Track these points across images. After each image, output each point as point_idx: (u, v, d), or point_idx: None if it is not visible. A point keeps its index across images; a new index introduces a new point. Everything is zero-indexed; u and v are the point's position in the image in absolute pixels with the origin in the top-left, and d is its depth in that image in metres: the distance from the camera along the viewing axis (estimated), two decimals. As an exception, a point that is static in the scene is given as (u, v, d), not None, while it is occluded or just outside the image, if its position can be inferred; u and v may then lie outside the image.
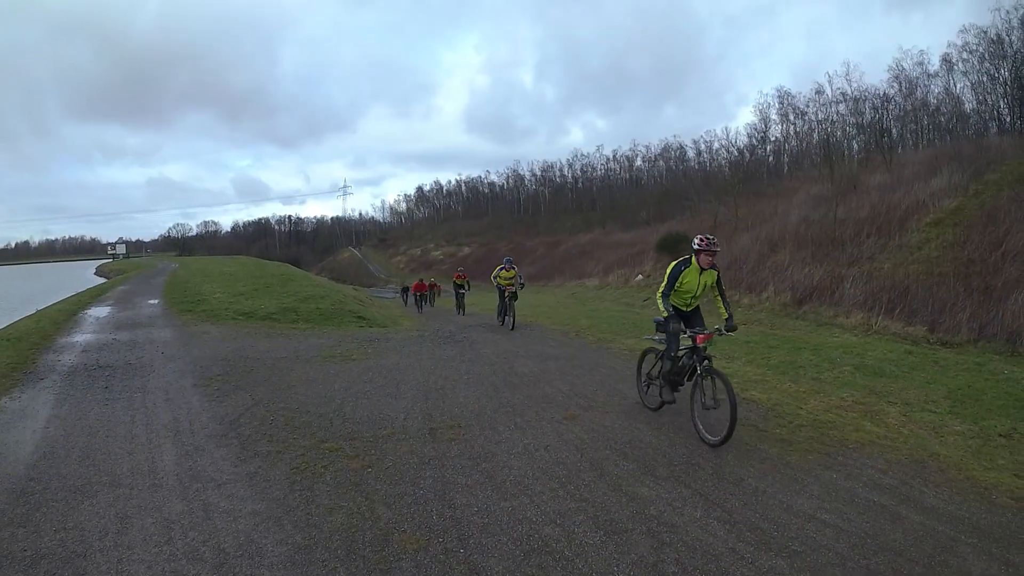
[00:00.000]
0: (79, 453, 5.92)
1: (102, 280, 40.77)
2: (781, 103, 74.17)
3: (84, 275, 67.97)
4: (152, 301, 19.41)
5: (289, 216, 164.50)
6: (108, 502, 4.80)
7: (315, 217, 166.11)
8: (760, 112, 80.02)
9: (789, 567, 4.03)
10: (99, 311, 17.19)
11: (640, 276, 30.47)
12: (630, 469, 5.64)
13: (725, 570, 3.96)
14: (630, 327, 15.86)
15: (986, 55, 51.05)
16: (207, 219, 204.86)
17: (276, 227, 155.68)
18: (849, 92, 63.44)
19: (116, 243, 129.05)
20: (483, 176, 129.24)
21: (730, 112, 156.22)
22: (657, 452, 6.13)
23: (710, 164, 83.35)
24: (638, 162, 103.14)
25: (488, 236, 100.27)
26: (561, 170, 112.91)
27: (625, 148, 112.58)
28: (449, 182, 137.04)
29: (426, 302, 31.21)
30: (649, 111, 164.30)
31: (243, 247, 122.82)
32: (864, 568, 4.06)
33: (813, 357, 11.08)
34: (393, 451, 5.95)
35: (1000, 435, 7.07)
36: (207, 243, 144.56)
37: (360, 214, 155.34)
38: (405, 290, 33.21)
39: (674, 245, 30.31)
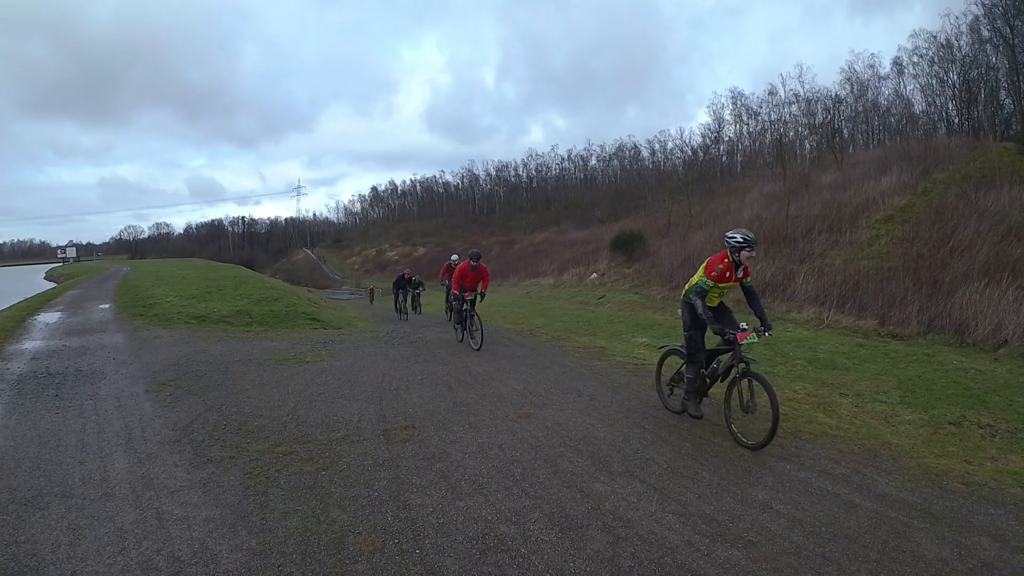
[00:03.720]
0: (29, 464, 5.75)
1: (52, 285, 39.77)
2: (735, 103, 75.53)
3: (33, 280, 66.34)
4: (103, 306, 18.96)
5: (243, 217, 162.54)
6: (60, 513, 4.67)
7: (269, 218, 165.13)
8: (714, 112, 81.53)
9: (745, 557, 4.09)
10: (49, 317, 16.74)
11: (594, 275, 30.57)
12: (584, 465, 5.65)
13: (681, 563, 4.00)
14: (584, 325, 16.00)
15: (935, 59, 52.93)
16: (160, 221, 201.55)
17: (229, 228, 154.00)
18: (802, 93, 64.88)
19: (66, 246, 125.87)
20: (438, 176, 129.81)
21: (690, 113, 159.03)
22: (612, 448, 6.16)
23: (664, 163, 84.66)
24: (592, 161, 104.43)
25: (443, 236, 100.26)
26: (516, 169, 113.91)
27: (580, 148, 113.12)
28: (404, 182, 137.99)
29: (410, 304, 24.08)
30: (611, 111, 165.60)
31: (196, 249, 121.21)
32: (819, 556, 4.14)
33: (766, 352, 11.22)
34: (347, 453, 5.89)
35: (950, 423, 7.30)
36: (159, 245, 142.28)
37: (314, 215, 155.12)
38: (400, 285, 24.54)
39: (628, 244, 30.48)
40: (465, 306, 12.83)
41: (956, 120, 51.75)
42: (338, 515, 4.58)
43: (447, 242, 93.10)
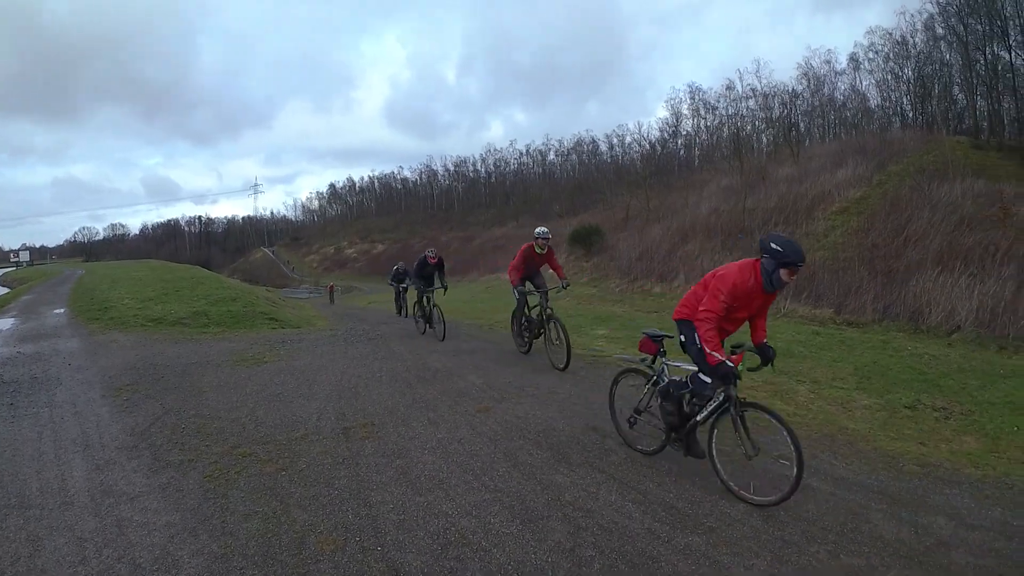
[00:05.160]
0: (-15, 476, 5.60)
1: (5, 290, 38.84)
2: (692, 98, 76.18)
3: (-15, 285, 64.63)
4: (58, 310, 18.54)
5: (199, 216, 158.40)
6: (18, 525, 4.58)
7: (226, 217, 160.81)
8: (672, 107, 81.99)
9: (705, 543, 4.15)
10: (1, 323, 16.33)
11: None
12: (544, 458, 5.68)
13: (642, 550, 4.05)
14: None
15: (891, 55, 53.87)
16: (115, 222, 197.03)
17: (186, 228, 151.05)
18: (759, 88, 65.65)
19: (19, 250, 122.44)
20: (396, 172, 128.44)
21: (650, 108, 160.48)
22: (571, 440, 6.19)
23: (622, 158, 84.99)
24: (551, 156, 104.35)
25: (401, 232, 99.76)
26: (474, 165, 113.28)
27: (539, 143, 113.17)
28: (362, 179, 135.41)
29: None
30: (572, 106, 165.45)
31: (152, 250, 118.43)
32: (779, 539, 4.22)
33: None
34: (307, 453, 5.85)
35: (905, 407, 7.50)
36: (115, 247, 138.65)
37: (272, 213, 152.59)
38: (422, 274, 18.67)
39: (586, 237, 30.75)
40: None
41: (910, 115, 52.67)
42: (299, 515, 4.55)
43: (406, 238, 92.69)
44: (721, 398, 5.05)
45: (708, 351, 4.83)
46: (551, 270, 10.86)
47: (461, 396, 7.96)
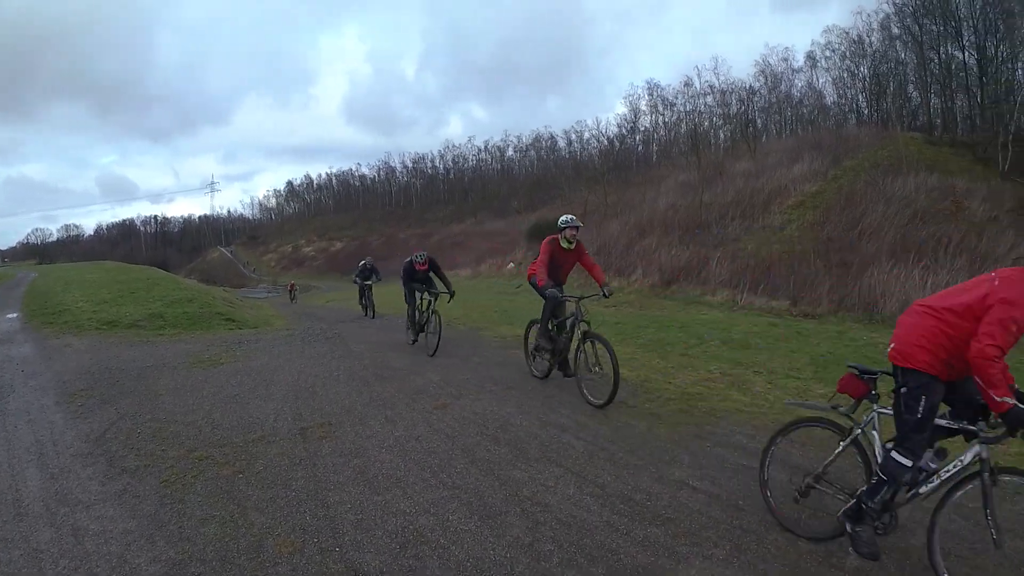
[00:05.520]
0: (-64, 491, 5.43)
1: (-45, 297, 37.77)
2: (651, 95, 76.87)
3: (-66, 291, 62.54)
4: (10, 315, 18.06)
5: (155, 216, 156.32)
6: (-29, 539, 4.44)
7: (183, 216, 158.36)
8: (631, 103, 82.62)
9: (664, 534, 4.17)
10: (-50, 330, 15.89)
11: (512, 264, 30.81)
12: (502, 453, 5.68)
13: (600, 543, 4.05)
14: (502, 315, 16.22)
15: (847, 54, 55.22)
16: (69, 222, 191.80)
17: (142, 228, 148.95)
18: (717, 85, 66.46)
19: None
20: (354, 169, 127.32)
21: (609, 104, 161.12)
22: (528, 435, 6.21)
23: (581, 153, 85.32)
24: (510, 152, 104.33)
25: (359, 230, 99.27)
26: (433, 161, 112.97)
27: (497, 139, 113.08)
28: (320, 176, 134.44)
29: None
30: (531, 103, 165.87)
31: (107, 251, 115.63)
32: (738, 528, 4.26)
33: (681, 334, 11.51)
34: (264, 454, 5.77)
35: None
36: (69, 249, 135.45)
37: (229, 212, 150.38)
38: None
39: (544, 232, 30.90)
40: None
41: (866, 111, 53.96)
42: (256, 518, 4.48)
43: (364, 236, 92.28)
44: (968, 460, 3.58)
45: (997, 399, 3.30)
46: (583, 270, 8.53)
47: (419, 393, 7.95)
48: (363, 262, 20.39)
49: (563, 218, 8.12)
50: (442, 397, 7.74)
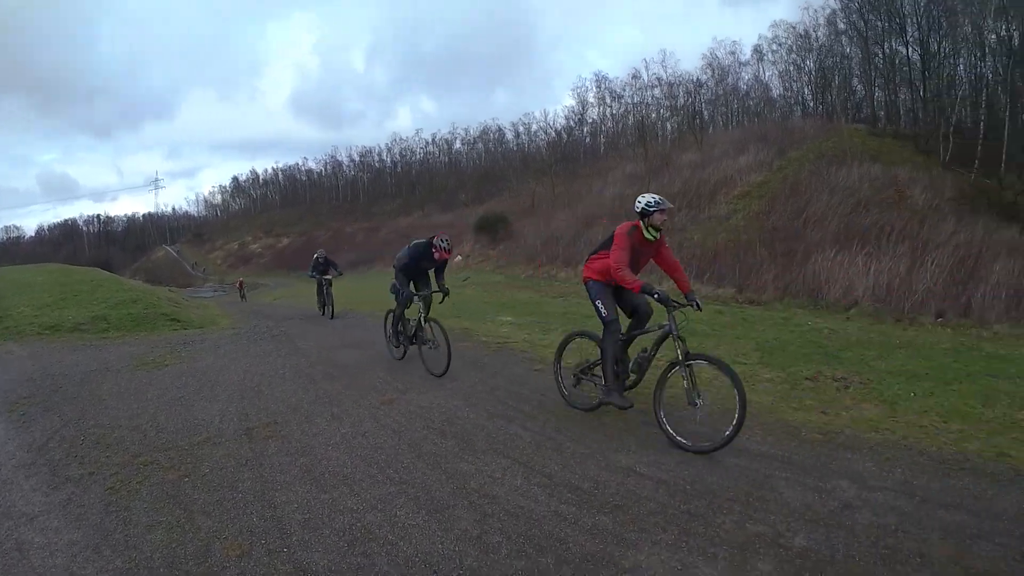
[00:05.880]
0: None
1: None
2: (599, 87, 77.42)
3: None
4: (-55, 325, 17.50)
5: (99, 215, 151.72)
6: (-90, 562, 4.28)
7: (126, 215, 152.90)
8: (578, 96, 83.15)
9: (612, 521, 4.21)
10: None
11: (459, 257, 30.84)
12: (449, 446, 5.69)
13: (549, 533, 4.07)
14: (449, 307, 15.69)
15: (794, 47, 56.41)
16: (9, 224, 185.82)
17: (85, 228, 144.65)
18: (664, 77, 67.26)
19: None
20: (301, 163, 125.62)
21: (558, 96, 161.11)
22: (475, 427, 6.24)
23: (528, 146, 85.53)
24: (457, 145, 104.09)
25: (306, 225, 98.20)
26: (380, 155, 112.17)
27: (445, 131, 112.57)
28: (266, 171, 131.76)
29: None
30: (480, 95, 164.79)
31: (49, 253, 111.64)
32: (685, 512, 4.32)
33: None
34: (209, 457, 5.68)
35: (807, 379, 7.84)
36: (9, 251, 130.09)
37: (174, 209, 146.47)
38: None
39: (492, 225, 31.14)
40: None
41: (811, 104, 55.20)
42: (203, 522, 4.41)
43: (311, 231, 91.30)
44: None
45: None
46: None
47: (366, 389, 7.93)
48: (317, 255, 18.39)
49: (647, 199, 6.10)
50: (388, 392, 7.72)
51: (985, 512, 4.40)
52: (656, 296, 5.67)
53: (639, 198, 6.20)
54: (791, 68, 57.77)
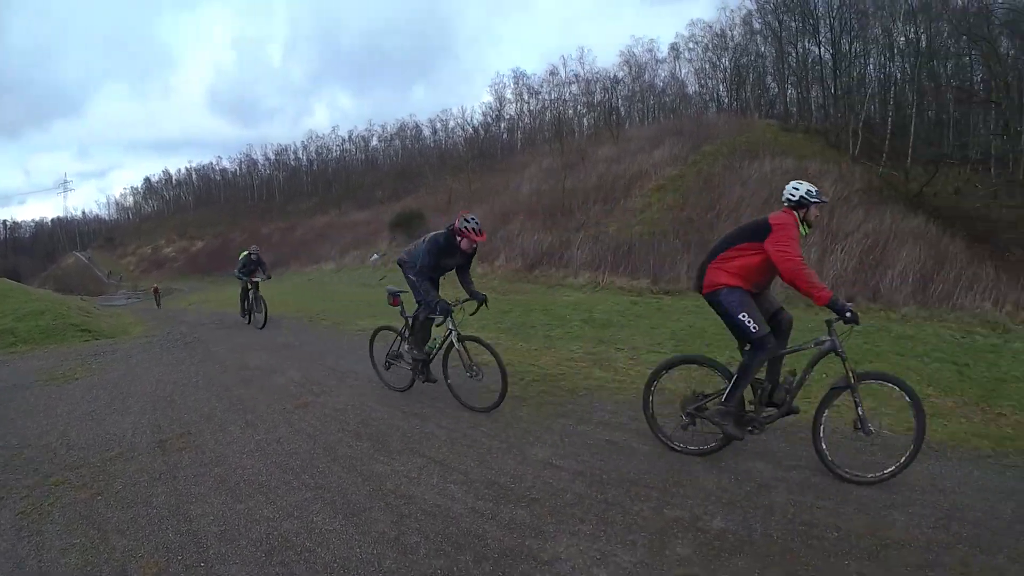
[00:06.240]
0: None
1: None
2: (517, 83, 77.78)
3: None
4: None
5: (4, 221, 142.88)
6: None
7: (34, 220, 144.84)
8: (496, 92, 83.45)
9: (529, 515, 4.28)
10: None
11: (376, 255, 30.47)
12: (364, 448, 5.68)
13: (467, 530, 4.12)
14: (365, 307, 15.99)
15: (710, 46, 57.60)
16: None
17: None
18: (582, 74, 68.14)
19: None
20: (215, 162, 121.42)
21: (477, 93, 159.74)
22: (390, 427, 6.23)
23: (446, 142, 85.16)
24: (374, 142, 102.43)
25: (221, 226, 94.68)
26: (296, 153, 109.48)
27: (362, 128, 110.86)
28: (179, 171, 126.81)
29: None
30: (399, 91, 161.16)
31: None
32: (603, 502, 4.42)
33: (544, 317, 11.78)
34: (122, 473, 5.52)
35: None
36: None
37: (84, 213, 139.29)
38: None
39: (408, 222, 31.00)
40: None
41: (726, 101, 56.58)
42: (118, 541, 4.30)
43: (226, 232, 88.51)
44: None
45: None
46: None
47: (280, 393, 7.84)
48: (248, 251, 15.53)
49: (807, 186, 5.02)
50: (303, 395, 7.66)
51: (897, 485, 4.62)
52: (848, 316, 4.57)
53: (795, 185, 5.05)
54: (707, 66, 59.14)
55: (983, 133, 34.59)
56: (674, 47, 62.21)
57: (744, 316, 4.88)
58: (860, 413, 4.75)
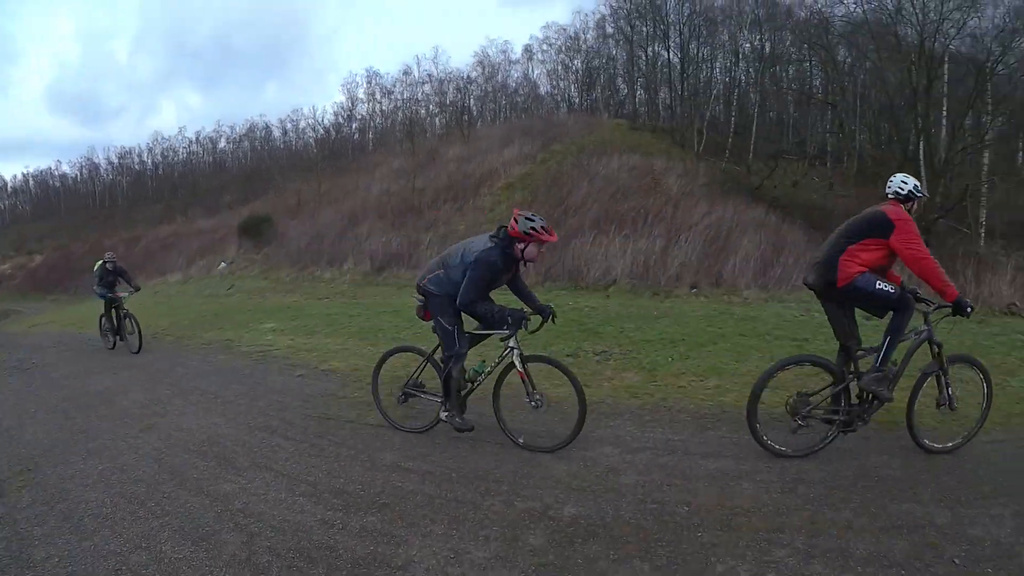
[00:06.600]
0: None
1: None
2: (370, 82, 77.05)
3: None
4: None
5: None
6: None
7: None
8: (348, 91, 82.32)
9: (380, 521, 4.30)
10: None
11: (223, 264, 28.98)
12: (210, 468, 5.53)
13: (318, 542, 4.10)
14: (212, 319, 15.45)
15: (563, 48, 58.98)
16: None
17: None
18: (435, 74, 68.34)
19: None
20: (54, 167, 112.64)
21: (330, 92, 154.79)
22: (236, 443, 6.09)
23: (296, 143, 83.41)
24: (222, 143, 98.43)
25: (61, 238, 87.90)
26: (140, 156, 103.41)
27: (210, 129, 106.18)
28: (15, 178, 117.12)
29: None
30: (250, 89, 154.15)
31: None
32: (453, 500, 4.51)
33: (392, 319, 11.83)
34: (-47, 523, 5.10)
35: (567, 355, 8.37)
36: None
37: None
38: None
39: (256, 227, 29.90)
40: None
41: (577, 101, 58.12)
42: (-49, 606, 3.98)
43: (67, 245, 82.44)
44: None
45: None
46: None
47: (123, 417, 7.43)
48: (103, 261, 12.91)
49: (913, 183, 5.22)
50: (147, 417, 7.31)
51: (744, 456, 4.94)
52: (970, 311, 4.95)
53: (903, 178, 5.22)
54: (559, 67, 60.65)
55: (820, 131, 37.49)
56: (528, 49, 63.33)
57: (880, 285, 4.99)
58: (949, 393, 5.17)
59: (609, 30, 53.02)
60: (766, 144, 34.66)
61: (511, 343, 5.45)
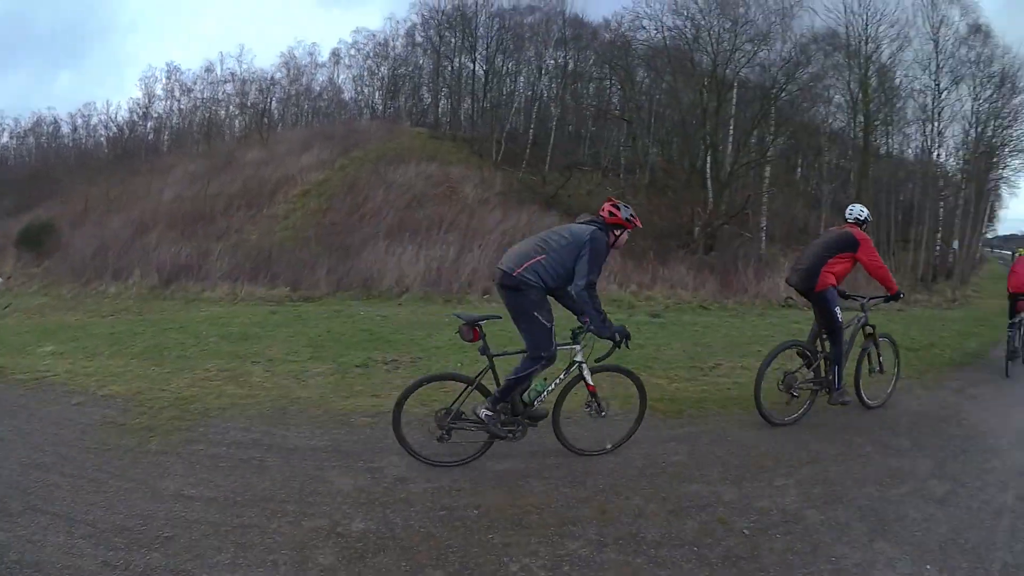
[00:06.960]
0: None
1: None
2: (169, 78, 72.38)
3: None
4: None
5: None
6: None
7: None
8: (146, 87, 76.62)
9: (164, 556, 4.01)
10: None
11: (1, 279, 25.87)
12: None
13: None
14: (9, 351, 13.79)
15: (371, 54, 58.03)
16: None
17: None
18: (239, 73, 65.29)
19: None
20: None
21: (128, 87, 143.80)
22: (8, 486, 5.26)
23: (87, 141, 76.65)
24: (4, 138, 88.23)
25: None
26: None
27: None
28: None
29: None
30: (42, 79, 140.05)
31: None
32: (239, 526, 4.33)
33: (179, 335, 11.17)
34: None
35: (356, 366, 8.23)
36: None
37: None
38: None
39: (36, 237, 26.89)
40: None
41: (380, 108, 57.78)
42: None
43: None
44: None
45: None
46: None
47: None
48: None
49: (867, 213, 7.04)
50: None
51: (533, 454, 5.14)
52: (901, 296, 7.19)
53: (859, 208, 6.98)
54: (365, 73, 60.02)
55: (615, 145, 39.01)
56: (335, 53, 62.19)
57: (838, 310, 6.46)
58: (880, 361, 7.20)
59: (419, 39, 53.36)
60: (563, 156, 35.95)
61: (578, 356, 5.26)
